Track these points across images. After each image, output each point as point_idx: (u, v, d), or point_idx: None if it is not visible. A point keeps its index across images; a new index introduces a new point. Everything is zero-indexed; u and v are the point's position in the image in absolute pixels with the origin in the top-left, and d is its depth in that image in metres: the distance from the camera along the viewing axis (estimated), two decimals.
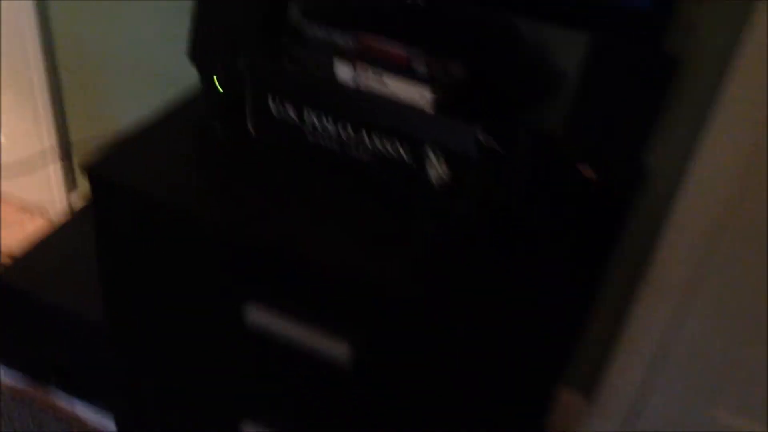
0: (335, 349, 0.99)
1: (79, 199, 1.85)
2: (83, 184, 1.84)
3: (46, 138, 1.75)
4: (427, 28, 1.05)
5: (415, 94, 0.98)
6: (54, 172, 1.81)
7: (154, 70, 1.55)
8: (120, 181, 1.02)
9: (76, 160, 1.80)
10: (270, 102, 1.07)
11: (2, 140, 1.83)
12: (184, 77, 1.51)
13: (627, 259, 1.30)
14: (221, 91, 1.16)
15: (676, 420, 1.45)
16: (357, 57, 1.01)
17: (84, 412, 1.49)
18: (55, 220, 1.88)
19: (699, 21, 1.09)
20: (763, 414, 1.38)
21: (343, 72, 1.02)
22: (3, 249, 1.78)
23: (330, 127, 1.05)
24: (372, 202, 1.04)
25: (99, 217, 1.07)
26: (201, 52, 1.15)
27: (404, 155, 1.02)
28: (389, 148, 1.02)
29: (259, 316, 1.02)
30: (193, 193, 1.02)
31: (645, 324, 1.34)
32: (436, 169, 1.01)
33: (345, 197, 1.04)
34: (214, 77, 1.15)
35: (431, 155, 1.00)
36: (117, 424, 1.40)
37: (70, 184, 1.85)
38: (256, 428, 1.18)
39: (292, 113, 1.06)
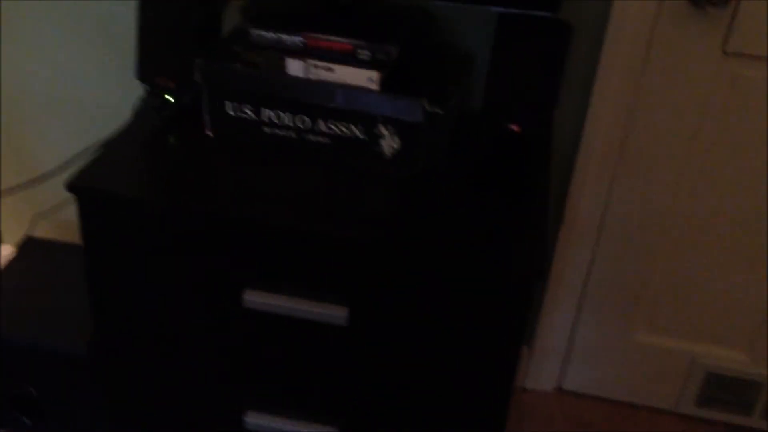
0: (332, 311, 1.11)
1: (8, 251, 1.85)
2: (10, 237, 1.84)
3: None
4: (357, 20, 1.20)
5: (363, 77, 1.13)
6: None
7: (77, 106, 1.60)
8: (105, 190, 1.10)
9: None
10: (227, 103, 1.18)
11: None
12: (110, 109, 1.58)
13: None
14: (172, 102, 1.26)
15: (605, 346, 1.65)
16: (305, 53, 1.15)
17: None
18: None
19: None
20: (676, 328, 1.60)
21: (294, 67, 1.15)
22: None
23: (286, 118, 1.18)
24: (333, 179, 1.17)
25: (87, 231, 1.14)
26: (148, 70, 1.25)
27: (359, 134, 1.16)
28: (344, 129, 1.16)
29: (255, 299, 1.12)
30: (173, 191, 1.12)
31: (568, 262, 1.54)
32: (389, 141, 1.16)
33: (308, 178, 1.17)
34: (165, 92, 1.25)
35: (383, 129, 1.15)
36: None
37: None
38: (259, 417, 1.26)
39: (249, 111, 1.18)
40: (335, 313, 1.11)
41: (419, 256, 1.06)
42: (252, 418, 1.26)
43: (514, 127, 1.21)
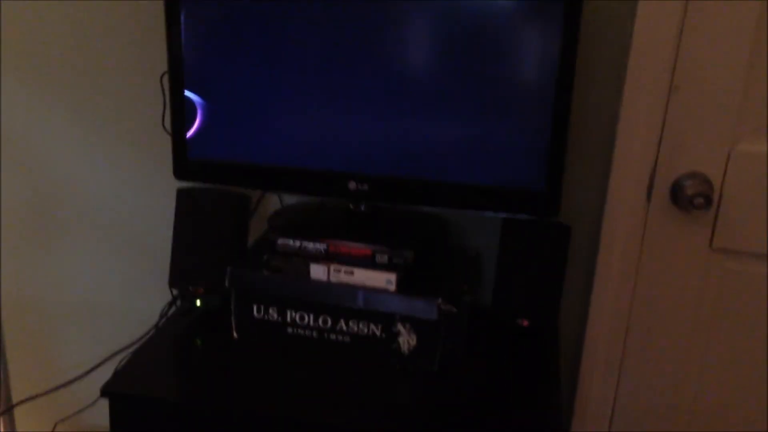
0: None
1: None
2: None
3: None
4: (375, 227, 1.32)
5: (382, 280, 1.22)
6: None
7: (103, 312, 1.68)
8: (136, 394, 1.16)
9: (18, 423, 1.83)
10: (254, 306, 1.27)
11: None
12: (134, 315, 1.66)
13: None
14: (202, 308, 1.34)
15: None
16: (327, 258, 1.25)
17: None
18: None
19: (574, 193, 1.44)
20: None
21: (317, 272, 1.24)
22: None
23: (310, 319, 1.25)
24: (353, 376, 1.23)
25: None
26: (180, 278, 1.35)
27: (377, 332, 1.24)
28: (364, 328, 1.24)
29: None
30: (199, 392, 1.17)
31: None
32: (406, 338, 1.23)
33: (330, 375, 1.22)
34: (195, 298, 1.34)
35: (401, 327, 1.23)
36: None
37: None
38: None
39: (274, 313, 1.26)
40: None
41: None
42: None
43: (523, 322, 1.29)
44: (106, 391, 1.16)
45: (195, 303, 1.34)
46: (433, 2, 1.16)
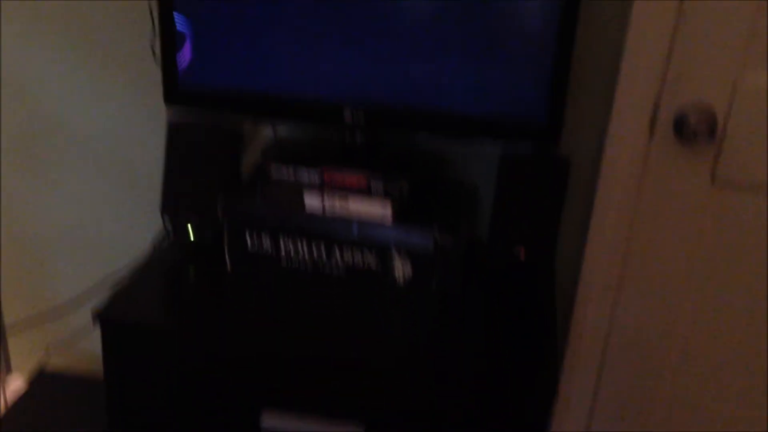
0: (348, 429, 1.13)
1: (16, 385, 1.85)
2: (22, 368, 1.85)
3: None
4: (371, 158, 1.29)
5: (377, 210, 1.20)
6: None
7: (95, 241, 1.67)
8: (128, 320, 1.15)
9: (9, 343, 1.83)
10: (247, 237, 1.25)
11: None
12: (126, 244, 1.64)
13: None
14: (194, 238, 1.32)
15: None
16: (322, 187, 1.22)
17: None
18: None
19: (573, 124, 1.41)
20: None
21: (312, 201, 1.22)
22: None
23: (304, 252, 1.24)
24: (348, 307, 1.22)
25: (108, 359, 1.17)
26: (172, 207, 1.32)
27: (373, 263, 1.22)
28: (359, 259, 1.22)
29: (273, 421, 1.14)
30: (192, 322, 1.16)
31: (574, 384, 1.56)
32: (401, 269, 1.22)
33: (325, 307, 1.21)
34: (188, 227, 1.31)
35: (396, 258, 1.21)
36: None
37: (6, 369, 1.85)
38: None
39: (268, 245, 1.24)
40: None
41: (432, 379, 1.09)
42: None
43: (520, 254, 1.28)
44: (98, 316, 1.15)
45: (187, 235, 1.32)
46: None
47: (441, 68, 1.19)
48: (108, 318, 1.15)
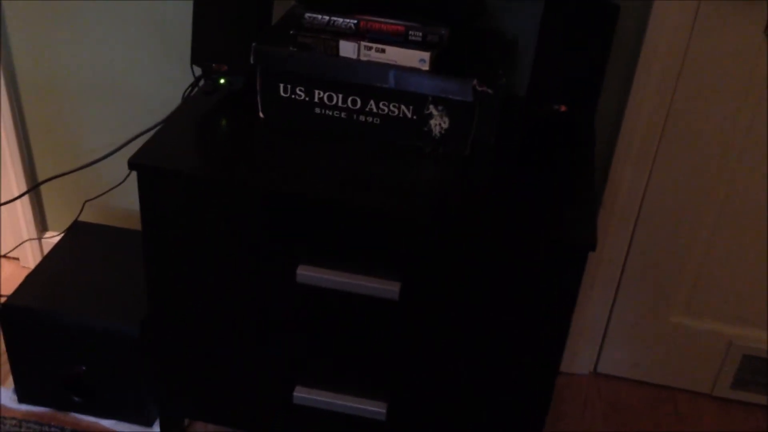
0: (384, 286, 1.14)
1: (52, 240, 1.88)
2: (57, 224, 1.89)
3: (13, 178, 1.79)
4: (408, 3, 1.23)
5: (414, 59, 1.16)
6: (23, 214, 1.84)
7: (126, 93, 1.64)
8: (165, 167, 1.14)
9: (45, 200, 1.85)
10: (280, 85, 1.22)
11: None
12: (158, 96, 1.62)
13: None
14: (227, 86, 1.29)
15: (641, 329, 1.67)
16: (357, 34, 1.18)
17: (114, 426, 1.54)
18: (30, 264, 1.91)
19: None
20: (713, 310, 1.62)
21: (347, 49, 1.18)
22: None
23: (338, 99, 1.21)
24: (384, 158, 1.20)
25: (146, 210, 1.18)
26: (202, 55, 1.29)
27: (409, 114, 1.19)
28: (395, 109, 1.19)
29: (308, 274, 1.15)
30: (227, 168, 1.15)
31: (606, 244, 1.56)
32: (438, 120, 1.19)
33: (359, 157, 1.20)
34: (219, 74, 1.29)
35: (433, 109, 1.18)
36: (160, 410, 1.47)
37: (42, 225, 1.89)
38: (308, 392, 1.30)
39: (301, 92, 1.21)
40: (387, 288, 1.14)
41: (470, 231, 1.09)
42: (301, 393, 1.29)
43: (561, 108, 1.24)
44: (133, 163, 1.14)
45: (218, 81, 1.29)
46: None
47: None
48: (143, 165, 1.14)
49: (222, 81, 1.29)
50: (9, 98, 1.69)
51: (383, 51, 1.17)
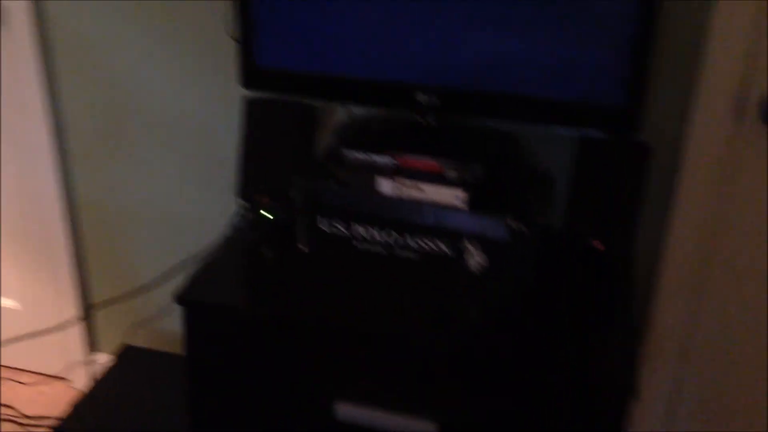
0: (422, 427, 1.13)
1: (102, 362, 1.92)
2: (107, 346, 1.93)
3: (67, 301, 1.85)
4: (444, 141, 1.28)
5: (451, 196, 1.19)
6: (74, 336, 1.89)
7: (182, 218, 1.71)
8: (209, 302, 1.18)
9: (98, 322, 1.90)
10: (320, 219, 1.26)
11: (19, 306, 1.92)
12: (204, 224, 1.68)
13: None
14: (270, 218, 1.34)
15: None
16: (395, 172, 1.22)
17: None
18: (78, 385, 1.94)
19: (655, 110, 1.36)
20: None
21: (385, 186, 1.22)
22: (26, 419, 1.82)
23: (377, 234, 1.24)
24: (422, 293, 1.21)
25: (190, 339, 1.21)
26: (248, 188, 1.35)
27: (446, 250, 1.21)
28: (432, 245, 1.22)
29: (347, 411, 1.16)
30: (270, 302, 1.18)
31: (652, 384, 1.51)
32: (475, 257, 1.20)
33: (398, 291, 1.21)
34: (263, 207, 1.34)
35: (470, 246, 1.20)
36: None
37: (92, 347, 1.93)
38: None
39: (341, 227, 1.25)
40: (425, 429, 1.13)
41: (510, 369, 1.08)
42: None
43: (598, 245, 1.24)
44: (179, 299, 1.18)
45: (262, 213, 1.34)
46: None
47: (516, 51, 1.16)
48: (188, 299, 1.18)
49: (265, 213, 1.34)
50: (68, 222, 1.78)
51: (420, 188, 1.20)
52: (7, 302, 1.92)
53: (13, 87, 1.64)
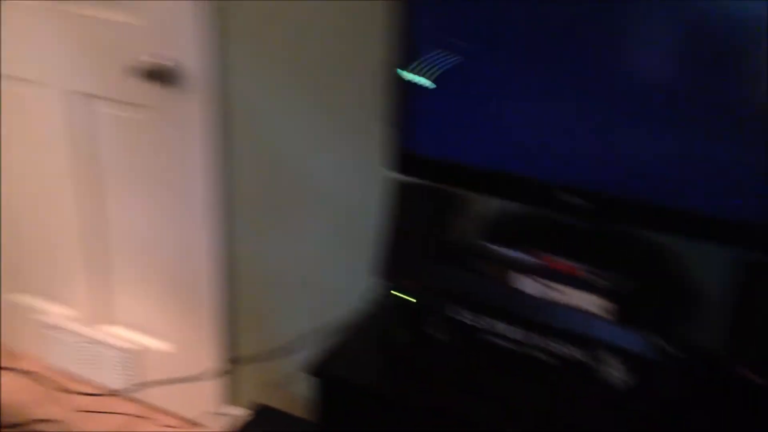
0: None
1: (240, 414, 1.98)
2: (246, 398, 1.99)
3: (212, 350, 1.94)
4: (593, 246, 1.23)
5: (594, 304, 1.14)
6: (214, 385, 1.97)
7: (321, 287, 1.76)
8: (342, 377, 1.21)
9: (241, 375, 1.98)
10: (456, 309, 1.24)
11: (173, 349, 2.02)
12: (338, 294, 1.74)
13: None
14: (408, 300, 1.34)
15: None
16: (537, 271, 1.18)
17: None
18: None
19: None
20: None
21: (525, 284, 1.18)
22: None
23: (513, 331, 1.20)
24: (554, 396, 1.16)
25: (322, 411, 1.24)
26: (390, 268, 1.36)
27: (583, 359, 1.15)
28: (568, 351, 1.16)
29: None
30: (401, 384, 1.19)
31: None
32: (616, 371, 1.13)
33: (531, 392, 1.17)
34: (401, 290, 1.34)
35: (611, 359, 1.13)
36: None
37: (232, 398, 2.01)
38: None
39: (477, 319, 1.22)
40: None
41: None
42: None
43: (755, 378, 1.13)
44: (315, 371, 1.21)
45: (400, 294, 1.34)
46: (680, 7, 1.04)
47: (678, 160, 1.10)
48: (322, 374, 1.22)
49: (403, 294, 1.34)
50: (224, 277, 1.88)
51: (561, 291, 1.16)
52: (162, 344, 2.05)
53: (190, 145, 1.76)
